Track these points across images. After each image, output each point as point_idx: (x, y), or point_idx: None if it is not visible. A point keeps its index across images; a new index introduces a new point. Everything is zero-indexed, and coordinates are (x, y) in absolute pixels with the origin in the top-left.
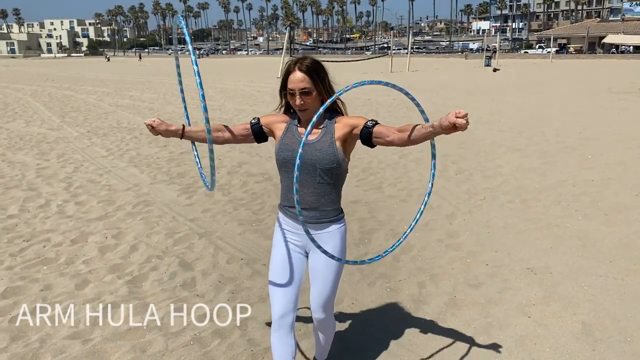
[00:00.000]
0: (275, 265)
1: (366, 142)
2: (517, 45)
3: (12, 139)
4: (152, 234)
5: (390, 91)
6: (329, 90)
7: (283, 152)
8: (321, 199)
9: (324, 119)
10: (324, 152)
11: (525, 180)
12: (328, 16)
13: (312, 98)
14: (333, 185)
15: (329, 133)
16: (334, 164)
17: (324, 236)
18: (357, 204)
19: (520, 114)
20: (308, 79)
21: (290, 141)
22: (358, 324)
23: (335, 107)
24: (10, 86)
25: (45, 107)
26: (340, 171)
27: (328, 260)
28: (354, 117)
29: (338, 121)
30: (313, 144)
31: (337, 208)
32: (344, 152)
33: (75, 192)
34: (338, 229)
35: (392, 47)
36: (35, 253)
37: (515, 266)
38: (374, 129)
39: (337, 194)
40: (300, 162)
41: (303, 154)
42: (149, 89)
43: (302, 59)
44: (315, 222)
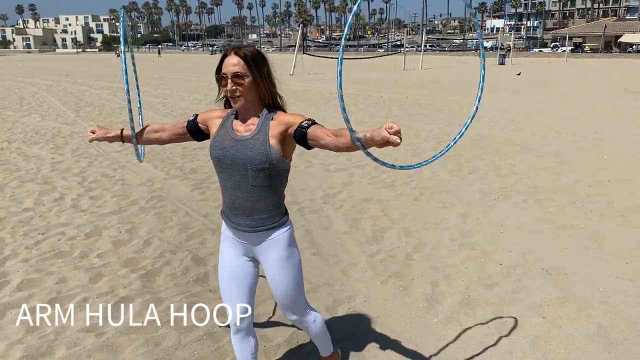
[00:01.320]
0: (223, 273)
1: (301, 143)
2: (532, 44)
3: (28, 133)
4: (165, 229)
5: (404, 89)
6: (267, 80)
7: (215, 150)
8: (256, 205)
9: (262, 114)
10: (256, 150)
11: (539, 180)
12: (341, 13)
13: (245, 85)
14: (269, 189)
15: (263, 130)
16: (266, 164)
17: (266, 244)
18: (369, 202)
19: (535, 112)
20: (243, 63)
21: (222, 138)
22: (370, 322)
23: (276, 102)
24: (26, 80)
25: (60, 101)
26: (276, 172)
27: (280, 263)
28: (292, 115)
29: (275, 118)
30: (245, 141)
31: (277, 213)
32: (281, 151)
33: (90, 186)
34: (282, 234)
35: (405, 44)
36: (50, 246)
37: (529, 266)
38: (309, 130)
39: (275, 198)
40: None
41: (234, 152)
42: (163, 84)
43: (243, 46)
44: (252, 231)
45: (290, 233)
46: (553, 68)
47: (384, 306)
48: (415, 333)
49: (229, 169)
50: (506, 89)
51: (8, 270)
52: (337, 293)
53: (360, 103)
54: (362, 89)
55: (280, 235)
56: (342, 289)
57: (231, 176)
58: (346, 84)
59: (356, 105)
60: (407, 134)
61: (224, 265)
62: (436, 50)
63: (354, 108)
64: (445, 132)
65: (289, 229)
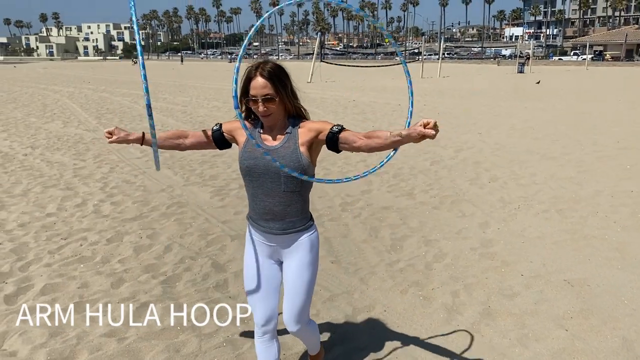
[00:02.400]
0: (249, 276)
1: (332, 147)
2: (551, 52)
3: (51, 139)
4: (185, 235)
5: (422, 97)
6: (291, 95)
7: (246, 160)
8: (288, 209)
9: (288, 124)
10: (288, 158)
11: (560, 190)
12: (359, 22)
13: (275, 104)
14: (299, 194)
15: (292, 138)
16: (298, 171)
17: (294, 247)
18: (388, 210)
19: (555, 121)
20: (270, 84)
21: (252, 149)
22: (389, 332)
23: (300, 112)
24: (49, 88)
25: (81, 108)
26: None
27: (299, 269)
28: (319, 122)
29: (302, 126)
30: (276, 149)
31: (305, 217)
32: (309, 157)
33: (111, 192)
34: (308, 237)
35: (423, 52)
36: (72, 251)
37: (551, 277)
38: (340, 135)
39: (304, 202)
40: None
41: (267, 161)
42: (182, 92)
43: (264, 64)
44: (282, 234)
45: (316, 236)
46: (573, 76)
47: (404, 316)
48: (436, 344)
49: (260, 177)
50: (525, 97)
51: (32, 274)
52: (356, 302)
53: (378, 111)
54: (380, 96)
55: (307, 237)
56: (361, 297)
57: (263, 184)
58: (364, 91)
59: (374, 113)
60: (425, 142)
61: (250, 268)
62: (454, 58)
63: (372, 115)
64: (464, 140)
65: (315, 233)
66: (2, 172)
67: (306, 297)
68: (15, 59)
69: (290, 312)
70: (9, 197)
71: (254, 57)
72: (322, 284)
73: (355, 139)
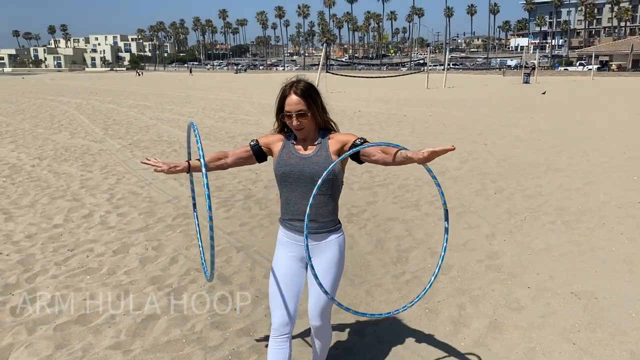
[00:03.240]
0: (277, 277)
1: (354, 158)
2: (557, 63)
3: (58, 150)
4: (191, 247)
5: (427, 108)
6: (322, 110)
7: (282, 167)
8: (319, 210)
9: (318, 136)
10: (321, 165)
11: (567, 201)
12: (364, 32)
13: (307, 119)
14: (330, 197)
15: (324, 148)
16: (331, 175)
17: (323, 245)
18: (393, 221)
19: (561, 132)
20: (303, 101)
21: (287, 157)
22: (396, 345)
23: (329, 125)
24: (57, 99)
25: (89, 119)
26: (337, 183)
27: (328, 266)
28: (346, 134)
29: (331, 137)
30: (310, 157)
31: (334, 219)
32: (340, 164)
33: (118, 203)
34: (336, 238)
35: (428, 63)
36: (79, 262)
37: (558, 290)
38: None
39: (334, 205)
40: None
41: (302, 167)
42: (189, 103)
43: (297, 82)
44: (315, 233)
45: (344, 238)
46: (579, 86)
47: (410, 329)
48: (442, 357)
49: (295, 182)
50: (531, 108)
51: (38, 286)
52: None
53: (384, 121)
54: (386, 107)
55: (336, 238)
56: (366, 310)
57: (297, 188)
58: (370, 102)
59: (379, 124)
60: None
61: (279, 267)
62: (459, 69)
63: (378, 126)
64: (469, 151)
65: (343, 235)
66: (9, 183)
67: (333, 287)
68: (23, 70)
69: (316, 306)
70: (16, 208)
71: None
72: None
73: (374, 153)
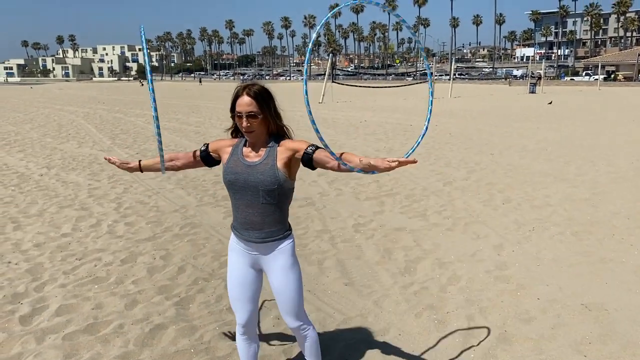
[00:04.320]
0: (232, 282)
1: (307, 165)
2: (563, 73)
3: (66, 159)
4: (198, 256)
5: (433, 118)
6: (274, 115)
7: (228, 175)
8: (266, 219)
9: (269, 141)
10: (266, 174)
11: (575, 212)
12: (370, 43)
13: (258, 121)
14: (277, 206)
15: (271, 156)
16: (275, 185)
17: (272, 255)
18: (401, 231)
19: (568, 142)
20: (255, 103)
21: (234, 164)
22: (404, 356)
23: (282, 132)
24: (64, 108)
25: (96, 129)
26: (283, 191)
27: (286, 269)
28: (297, 142)
29: (281, 145)
30: (256, 165)
31: (282, 228)
32: (287, 173)
33: (125, 212)
34: (285, 246)
35: (433, 73)
36: (87, 272)
37: (568, 301)
38: (314, 155)
39: (281, 214)
40: (243, 183)
41: (246, 176)
42: (195, 112)
43: (251, 85)
44: (261, 242)
45: (293, 244)
46: (585, 96)
47: (419, 340)
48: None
49: (241, 190)
50: (537, 118)
51: (47, 295)
52: (370, 325)
53: (390, 131)
54: (392, 117)
55: (286, 246)
56: (375, 321)
57: (243, 196)
58: (375, 112)
59: (386, 134)
60: (438, 162)
61: (232, 274)
62: (465, 79)
63: (384, 136)
64: (476, 161)
65: (292, 241)
66: (18, 192)
67: (297, 294)
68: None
69: (287, 310)
70: (24, 217)
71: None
72: (335, 307)
73: (328, 160)
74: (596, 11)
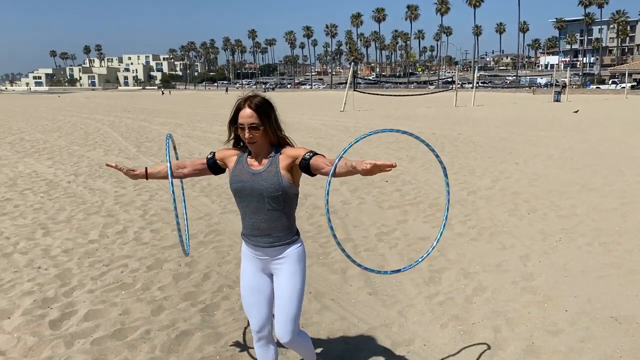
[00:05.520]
0: (245, 288)
1: (305, 171)
2: (588, 81)
3: (93, 167)
4: (223, 263)
5: (456, 126)
6: (275, 126)
7: (234, 183)
8: (272, 225)
9: (271, 151)
10: (269, 181)
11: (603, 222)
12: (391, 51)
13: (259, 132)
14: (282, 211)
15: (274, 163)
16: (279, 192)
17: (280, 260)
18: (425, 240)
19: (594, 151)
20: (256, 115)
21: (240, 173)
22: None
23: (283, 142)
24: (91, 117)
25: (122, 137)
26: (288, 197)
27: (288, 278)
28: (296, 149)
29: (283, 152)
30: (260, 173)
31: (289, 232)
32: (291, 179)
33: (151, 219)
34: (293, 250)
35: (456, 81)
36: (114, 278)
37: (597, 314)
38: (311, 162)
39: (287, 219)
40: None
41: (252, 184)
42: (219, 121)
43: (253, 97)
44: (270, 247)
45: (303, 250)
46: (612, 105)
47: (444, 351)
48: None
49: (247, 197)
50: (562, 126)
51: (75, 300)
52: (395, 335)
53: (412, 140)
54: (414, 125)
55: (293, 250)
56: (400, 331)
57: (250, 203)
58: (397, 120)
59: (407, 142)
60: (461, 172)
61: (245, 280)
62: (488, 87)
63: (405, 144)
64: (501, 170)
65: (302, 246)
66: (47, 199)
67: (296, 306)
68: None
69: (283, 322)
70: (53, 223)
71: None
72: (359, 316)
73: (323, 166)
74: (623, 18)
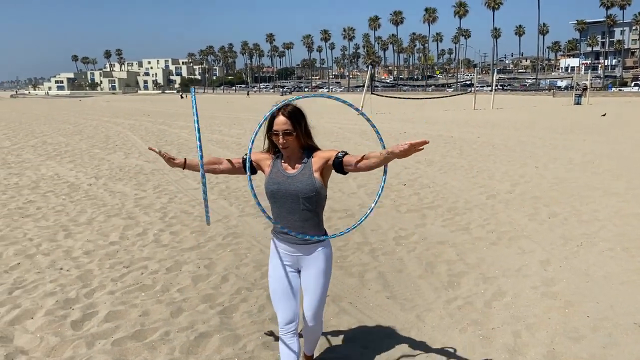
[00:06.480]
0: (274, 283)
1: (339, 170)
2: (610, 83)
3: (113, 170)
4: (241, 266)
5: (475, 129)
6: (305, 132)
7: (271, 185)
8: (305, 224)
9: (303, 155)
10: (304, 183)
11: (626, 227)
12: (409, 54)
13: (292, 138)
14: (314, 212)
15: (308, 167)
16: (313, 192)
17: (311, 257)
18: (443, 244)
19: (617, 155)
20: (289, 122)
21: (276, 176)
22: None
23: (313, 145)
24: (112, 120)
25: (142, 140)
26: (320, 198)
27: (317, 275)
28: (327, 151)
29: (315, 156)
30: (295, 176)
31: (320, 231)
32: (322, 181)
33: (170, 222)
34: (322, 250)
35: (475, 84)
36: (134, 279)
37: (620, 320)
38: (344, 159)
39: (318, 219)
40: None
41: (287, 186)
42: (237, 124)
43: (286, 106)
44: (303, 244)
45: (331, 251)
46: (634, 108)
47: (463, 356)
48: None
49: (282, 198)
50: (583, 130)
51: (96, 301)
52: (413, 339)
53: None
54: (433, 128)
55: (324, 249)
56: (418, 335)
57: (284, 204)
58: (415, 123)
59: (427, 145)
60: (481, 175)
61: (276, 276)
62: (507, 90)
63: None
64: (520, 174)
65: (330, 248)
66: (68, 201)
67: (322, 298)
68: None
69: (311, 310)
70: (74, 225)
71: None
72: (377, 320)
73: (354, 161)
74: None
